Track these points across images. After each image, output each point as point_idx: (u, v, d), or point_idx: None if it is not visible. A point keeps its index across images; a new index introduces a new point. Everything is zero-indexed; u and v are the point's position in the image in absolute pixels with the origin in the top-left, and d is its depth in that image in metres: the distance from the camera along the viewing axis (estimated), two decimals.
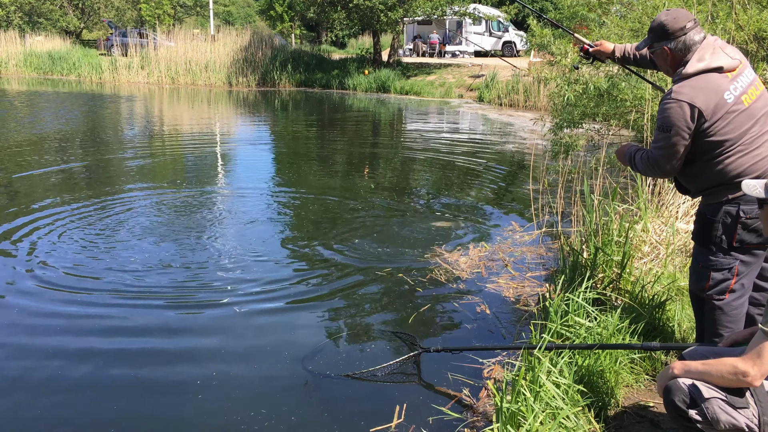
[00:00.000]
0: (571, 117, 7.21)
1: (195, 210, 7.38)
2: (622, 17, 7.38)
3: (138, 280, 5.21)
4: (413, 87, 24.02)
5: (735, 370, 2.16)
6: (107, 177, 9.26)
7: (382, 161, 11.32)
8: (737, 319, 2.85)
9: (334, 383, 3.72)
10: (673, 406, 2.31)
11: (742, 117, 2.70)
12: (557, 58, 7.08)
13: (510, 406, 2.77)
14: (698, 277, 2.91)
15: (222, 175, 9.82)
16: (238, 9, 56.94)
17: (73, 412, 3.47)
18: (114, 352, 4.07)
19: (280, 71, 26.30)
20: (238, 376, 3.82)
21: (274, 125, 16.14)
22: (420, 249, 6.03)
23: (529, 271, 5.49)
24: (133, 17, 41.61)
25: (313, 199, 7.95)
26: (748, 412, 2.21)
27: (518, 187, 8.93)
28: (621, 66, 3.83)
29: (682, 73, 2.78)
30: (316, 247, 6.13)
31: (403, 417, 3.35)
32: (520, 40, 30.93)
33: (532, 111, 18.21)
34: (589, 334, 3.36)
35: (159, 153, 11.62)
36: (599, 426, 2.92)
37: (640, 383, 3.33)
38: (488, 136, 14.54)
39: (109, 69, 27.91)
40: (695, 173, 2.86)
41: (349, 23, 27.47)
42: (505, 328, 4.45)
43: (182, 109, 19.50)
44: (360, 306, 4.84)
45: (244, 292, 5.02)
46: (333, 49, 36.91)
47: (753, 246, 2.76)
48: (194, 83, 26.43)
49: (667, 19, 2.82)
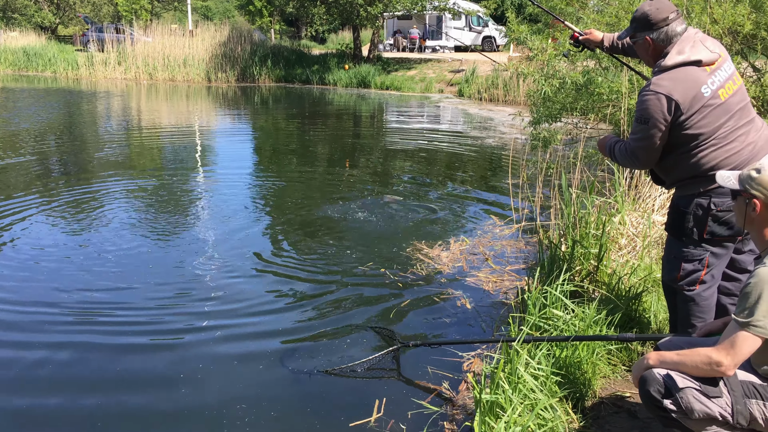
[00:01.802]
0: (548, 111, 7.25)
1: (171, 205, 7.33)
2: (599, 12, 7.42)
3: (112, 282, 5.16)
4: (393, 82, 24.00)
5: (709, 360, 2.19)
6: (81, 174, 9.14)
7: (362, 157, 11.31)
8: (708, 309, 2.89)
9: (314, 379, 3.71)
10: (648, 396, 2.33)
11: (718, 111, 2.72)
12: (534, 53, 7.10)
13: (489, 398, 2.78)
14: (670, 267, 2.95)
15: (200, 171, 9.73)
16: (216, 4, 56.47)
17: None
18: (89, 346, 4.03)
19: (259, 67, 26.14)
20: (217, 372, 3.80)
21: (255, 121, 16.05)
22: (401, 244, 6.03)
23: (509, 264, 5.52)
24: (109, 12, 41.13)
25: (292, 195, 7.92)
26: (722, 401, 2.24)
27: (498, 181, 8.97)
28: (609, 55, 3.85)
29: (661, 65, 2.79)
30: (296, 243, 6.11)
31: (382, 411, 3.35)
32: (499, 35, 31.00)
33: (512, 105, 18.28)
34: (567, 326, 3.39)
35: (136, 150, 11.50)
36: (577, 417, 2.95)
37: (617, 374, 3.37)
38: (468, 131, 14.58)
39: (85, 65, 27.54)
40: (670, 165, 2.89)
41: (328, 18, 27.40)
42: (485, 321, 4.47)
43: (160, 104, 19.31)
44: (340, 301, 4.83)
45: (223, 287, 4.99)
46: (313, 45, 36.77)
47: (723, 238, 2.79)
48: (172, 79, 26.17)
49: (650, 10, 2.83)
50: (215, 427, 3.28)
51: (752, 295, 2.13)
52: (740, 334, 2.14)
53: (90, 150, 11.16)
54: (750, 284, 2.16)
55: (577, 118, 7.79)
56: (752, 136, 2.79)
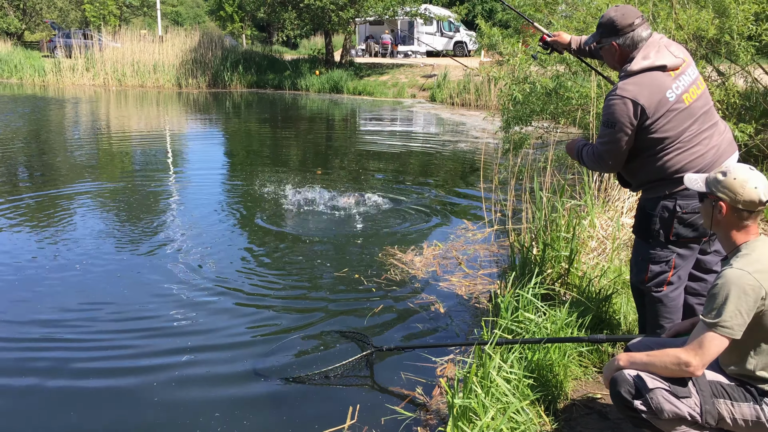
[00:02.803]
0: (519, 115, 7.31)
1: (138, 213, 7.22)
2: (567, 17, 7.51)
3: (76, 296, 5.06)
4: (366, 87, 24.02)
5: (678, 360, 2.22)
6: (47, 181, 8.97)
7: (335, 162, 11.28)
8: (675, 309, 2.94)
9: (287, 386, 3.68)
10: (618, 397, 2.36)
11: (683, 115, 2.77)
12: (505, 58, 7.16)
13: (462, 402, 2.78)
14: (638, 269, 2.99)
15: (169, 177, 9.61)
16: (187, 9, 55.92)
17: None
18: (62, 360, 3.94)
19: (231, 72, 25.96)
20: (189, 380, 3.75)
21: (226, 126, 15.91)
22: (374, 249, 6.02)
23: (482, 268, 5.54)
24: (77, 18, 40.46)
25: (263, 201, 7.85)
26: (691, 401, 2.27)
27: (471, 185, 9.02)
28: (576, 57, 3.89)
29: (627, 69, 2.83)
30: (268, 250, 6.06)
31: (356, 418, 3.33)
32: (470, 40, 31.26)
33: (484, 110, 18.39)
34: (538, 328, 3.41)
35: (104, 157, 11.32)
36: (549, 419, 2.97)
37: (588, 376, 3.40)
38: (441, 136, 14.64)
39: (52, 71, 27.02)
40: (636, 168, 2.93)
41: (300, 23, 27.30)
42: (458, 325, 4.48)
43: (130, 111, 19.04)
44: (314, 307, 4.80)
45: (194, 295, 4.92)
46: (285, 50, 36.60)
47: (689, 240, 2.84)
48: (142, 85, 25.85)
49: (616, 15, 2.87)
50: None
51: (719, 296, 2.16)
52: (708, 334, 2.17)
53: (56, 157, 10.95)
54: (717, 285, 2.19)
55: (548, 122, 7.86)
56: (716, 140, 2.84)
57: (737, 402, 2.28)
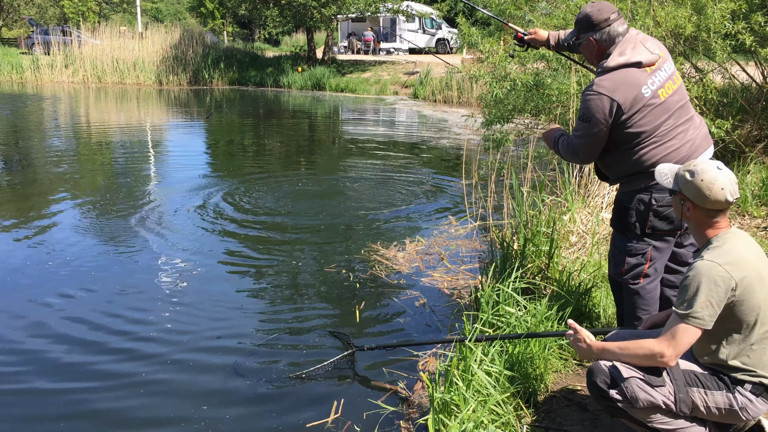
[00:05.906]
0: (500, 113, 7.36)
1: (120, 209, 7.17)
2: (547, 15, 7.57)
3: (62, 287, 5.04)
4: (348, 84, 24.00)
5: (651, 351, 2.27)
6: (27, 188, 8.88)
7: (317, 159, 11.27)
8: (652, 301, 2.99)
9: (272, 382, 3.69)
10: (595, 387, 2.40)
11: (658, 110, 2.82)
12: (485, 56, 7.20)
13: (443, 396, 2.82)
14: (615, 262, 3.05)
15: (150, 174, 9.55)
16: (167, 6, 55.41)
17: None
18: (49, 361, 3.92)
19: (212, 69, 25.81)
20: (174, 377, 3.75)
21: (207, 123, 15.82)
22: (357, 245, 6.04)
23: (464, 263, 5.59)
24: (55, 14, 40.00)
25: (246, 197, 7.84)
26: (665, 390, 2.32)
27: (453, 181, 9.07)
28: (555, 52, 3.94)
29: (604, 65, 2.89)
30: (251, 246, 6.06)
31: (339, 412, 3.36)
32: (452, 38, 31.33)
33: (466, 107, 18.48)
34: (519, 322, 3.45)
35: (84, 153, 11.22)
36: (529, 411, 3.01)
37: (568, 368, 3.44)
38: (423, 132, 14.68)
39: (30, 68, 26.66)
40: (613, 162, 2.98)
41: (282, 20, 27.23)
42: (440, 320, 4.51)
43: (109, 107, 18.86)
44: (297, 305, 4.82)
45: (178, 292, 4.92)
46: (267, 47, 36.48)
47: (664, 232, 2.90)
48: (122, 82, 25.60)
49: (592, 11, 2.93)
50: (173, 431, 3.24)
51: (691, 287, 2.21)
52: (680, 326, 2.22)
53: (35, 154, 10.84)
54: (689, 277, 2.24)
55: (528, 119, 7.92)
56: (691, 134, 2.90)
57: (710, 390, 2.33)
